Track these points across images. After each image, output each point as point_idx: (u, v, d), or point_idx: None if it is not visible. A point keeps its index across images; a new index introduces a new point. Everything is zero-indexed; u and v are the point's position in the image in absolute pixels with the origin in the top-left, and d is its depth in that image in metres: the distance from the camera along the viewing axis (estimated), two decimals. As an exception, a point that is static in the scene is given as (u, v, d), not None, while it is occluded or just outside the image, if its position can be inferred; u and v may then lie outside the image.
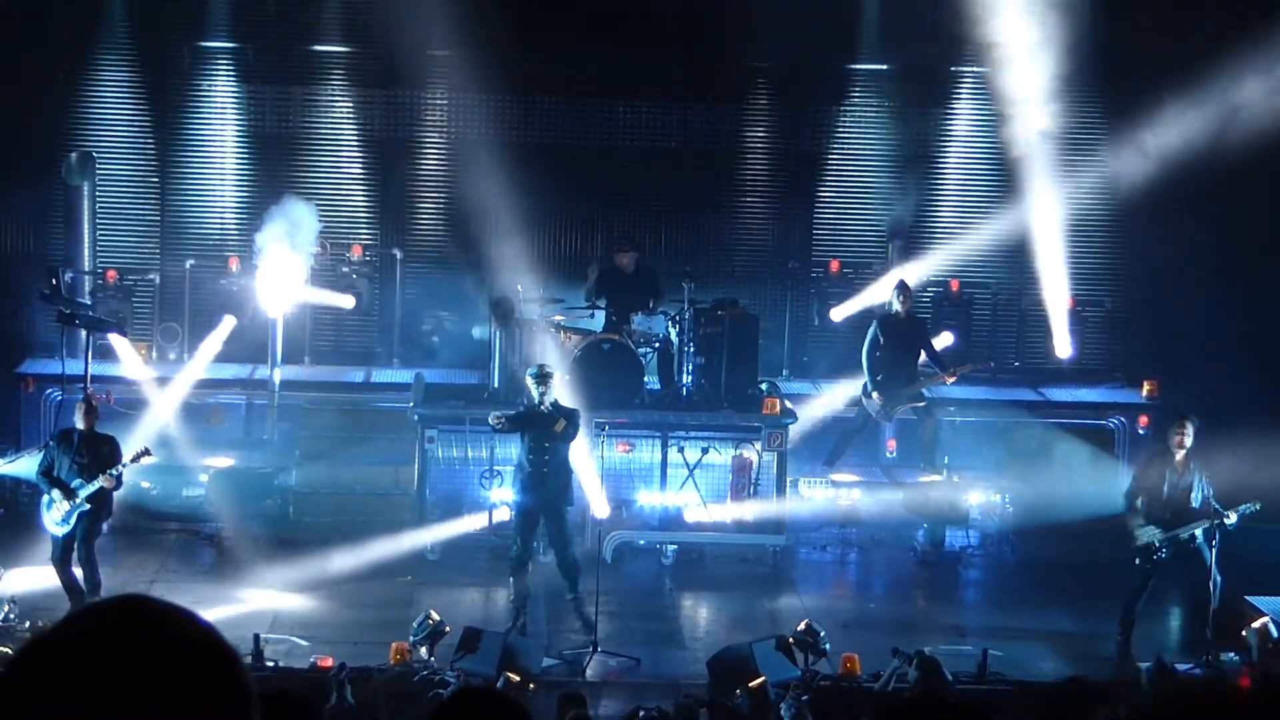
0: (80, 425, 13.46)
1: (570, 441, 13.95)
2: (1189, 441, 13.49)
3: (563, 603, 14.16)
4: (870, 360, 16.89)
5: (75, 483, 13.31)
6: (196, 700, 1.96)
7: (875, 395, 16.86)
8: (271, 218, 16.96)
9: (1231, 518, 13.29)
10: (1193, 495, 13.44)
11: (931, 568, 16.62)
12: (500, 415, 13.98)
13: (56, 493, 13.28)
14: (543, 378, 13.86)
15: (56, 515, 13.32)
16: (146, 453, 13.75)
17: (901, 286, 17.15)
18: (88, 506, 13.33)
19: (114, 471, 13.34)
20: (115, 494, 13.64)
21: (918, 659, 11.75)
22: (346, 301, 18.84)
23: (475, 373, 17.46)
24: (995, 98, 19.36)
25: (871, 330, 17.03)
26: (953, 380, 17.01)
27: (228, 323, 17.99)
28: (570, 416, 13.89)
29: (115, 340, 17.16)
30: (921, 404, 17.14)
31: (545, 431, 13.71)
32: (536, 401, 13.79)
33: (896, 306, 17.00)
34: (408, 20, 18.17)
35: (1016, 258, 19.52)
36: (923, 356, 17.17)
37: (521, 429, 13.84)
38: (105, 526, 14.22)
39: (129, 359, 17.46)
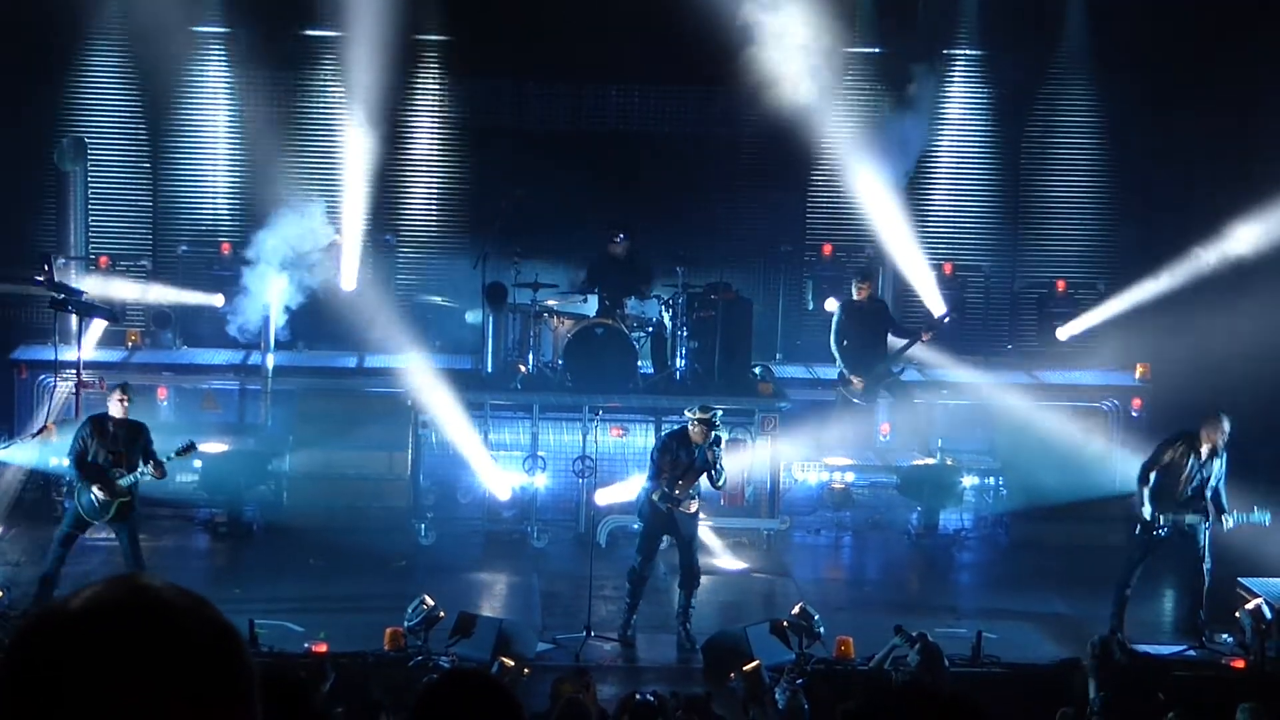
0: (115, 413, 13.28)
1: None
2: (1221, 444, 13.49)
3: (561, 589, 14.14)
4: (840, 349, 16.97)
5: (115, 472, 13.17)
6: (199, 683, 1.97)
7: (855, 381, 16.91)
8: (278, 219, 16.91)
9: (1229, 523, 13.44)
10: (1210, 479, 13.49)
11: (926, 550, 16.65)
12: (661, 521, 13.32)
13: (96, 488, 13.11)
14: (710, 425, 13.30)
15: (97, 504, 13.13)
16: (193, 446, 13.72)
17: (859, 276, 17.40)
18: (128, 497, 13.25)
19: (162, 460, 13.21)
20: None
21: (921, 644, 11.62)
22: (349, 282, 18.70)
23: (469, 358, 17.43)
24: (989, 82, 19.36)
25: (835, 319, 17.12)
26: (929, 338, 17.17)
27: (215, 299, 18.03)
28: (714, 446, 13.43)
29: (95, 325, 17.05)
30: (889, 378, 17.22)
31: (698, 474, 13.33)
32: (701, 444, 13.24)
33: (856, 295, 17.16)
34: (400, 4, 18.12)
35: (1009, 241, 19.47)
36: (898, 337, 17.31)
37: (678, 473, 13.29)
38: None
39: (91, 341, 17.29)
